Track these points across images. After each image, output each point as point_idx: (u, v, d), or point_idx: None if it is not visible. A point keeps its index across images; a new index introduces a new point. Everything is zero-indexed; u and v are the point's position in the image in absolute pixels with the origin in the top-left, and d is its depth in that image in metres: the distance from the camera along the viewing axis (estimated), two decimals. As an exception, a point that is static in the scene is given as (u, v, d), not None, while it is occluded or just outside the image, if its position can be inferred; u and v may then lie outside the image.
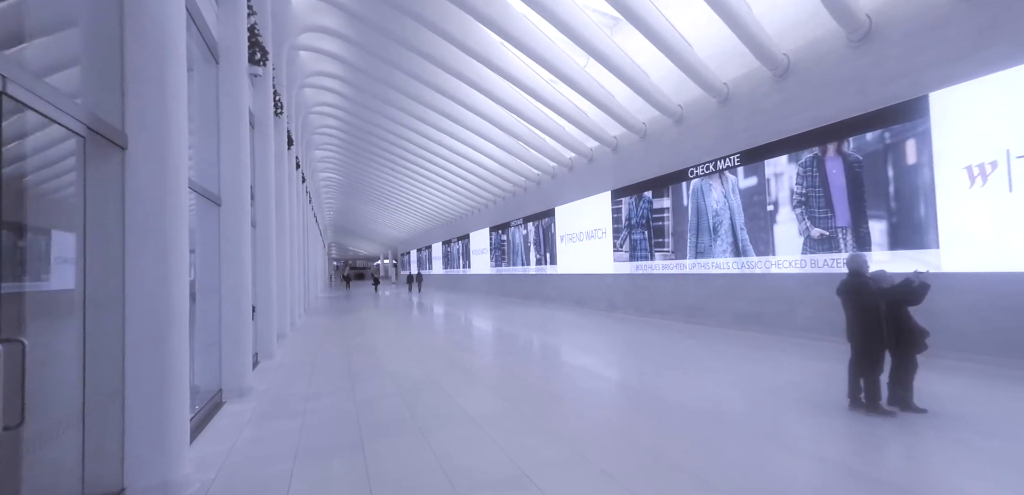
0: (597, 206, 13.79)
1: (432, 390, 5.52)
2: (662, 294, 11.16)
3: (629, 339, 8.64)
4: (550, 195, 16.86)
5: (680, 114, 10.50)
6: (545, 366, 6.79)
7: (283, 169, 10.62)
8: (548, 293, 17.10)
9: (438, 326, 11.90)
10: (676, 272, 10.67)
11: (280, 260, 10.23)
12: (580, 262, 14.85)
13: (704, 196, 9.84)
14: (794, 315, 8.00)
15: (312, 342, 9.74)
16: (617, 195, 12.83)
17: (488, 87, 11.85)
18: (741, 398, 4.78)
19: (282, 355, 8.23)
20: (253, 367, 7.16)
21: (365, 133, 18.72)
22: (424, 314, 15.21)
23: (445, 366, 6.89)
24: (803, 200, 7.80)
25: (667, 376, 5.82)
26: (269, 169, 8.32)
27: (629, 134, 12.19)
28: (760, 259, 8.61)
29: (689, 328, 9.49)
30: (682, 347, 7.64)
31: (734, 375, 5.74)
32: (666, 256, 10.99)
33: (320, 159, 23.98)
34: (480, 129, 14.79)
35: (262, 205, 8.15)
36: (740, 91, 9.05)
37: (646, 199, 11.63)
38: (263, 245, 8.10)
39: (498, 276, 22.07)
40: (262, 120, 8.34)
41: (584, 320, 11.70)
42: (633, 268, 12.18)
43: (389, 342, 9.34)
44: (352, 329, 11.64)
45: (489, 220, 23.13)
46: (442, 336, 10.08)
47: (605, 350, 7.80)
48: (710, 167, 9.65)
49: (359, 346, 8.93)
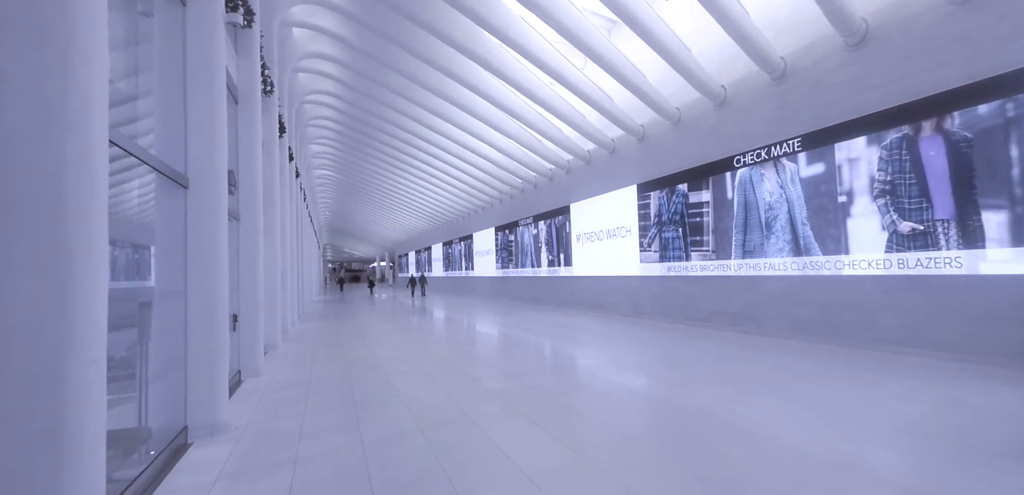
0: (621, 202, 12.59)
1: (462, 426, 4.28)
2: (700, 299, 9.95)
3: (675, 352, 7.42)
4: (565, 191, 15.65)
5: (723, 96, 9.31)
6: (595, 390, 5.55)
7: (273, 157, 9.35)
8: (562, 297, 15.87)
9: (449, 335, 10.63)
10: (718, 274, 9.47)
11: (270, 260, 8.95)
12: (599, 263, 13.63)
13: (754, 188, 8.65)
14: (874, 324, 6.82)
15: (307, 355, 8.45)
16: (645, 189, 11.64)
17: (497, 67, 10.60)
18: (880, 442, 3.57)
19: (271, 372, 6.95)
20: (234, 390, 5.89)
21: (362, 126, 17.44)
22: (431, 321, 13.93)
23: (470, 389, 5.64)
24: (888, 189, 6.63)
25: (755, 404, 4.60)
26: (256, 153, 7.05)
27: (660, 121, 11.01)
28: (828, 259, 7.42)
29: (738, 338, 8.29)
30: (745, 362, 6.42)
31: (840, 404, 4.53)
32: (705, 256, 9.79)
33: (315, 154, 22.66)
34: (488, 118, 13.55)
35: (248, 195, 6.88)
36: (801, 65, 7.88)
37: (680, 193, 10.43)
38: (249, 242, 6.83)
39: (505, 279, 20.81)
40: (248, 94, 7.07)
41: (611, 328, 10.47)
42: (664, 270, 10.98)
43: (397, 356, 8.08)
44: (353, 339, 10.36)
45: (495, 219, 21.89)
46: (456, 347, 8.81)
47: (656, 366, 6.57)
48: (762, 154, 8.47)
49: (362, 361, 7.66)
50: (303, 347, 9.34)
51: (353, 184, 28.81)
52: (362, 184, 27.99)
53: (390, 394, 5.51)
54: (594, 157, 13.95)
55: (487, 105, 13.19)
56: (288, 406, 5.18)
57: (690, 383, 5.51)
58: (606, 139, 12.83)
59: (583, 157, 14.18)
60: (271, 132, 9.36)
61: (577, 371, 6.48)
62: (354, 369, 7.02)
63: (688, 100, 10.19)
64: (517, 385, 5.71)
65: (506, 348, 8.45)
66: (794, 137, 7.91)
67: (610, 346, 8.21)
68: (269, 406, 5.22)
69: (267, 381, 6.44)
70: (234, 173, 6.34)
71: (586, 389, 5.49)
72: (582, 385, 5.69)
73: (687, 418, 4.28)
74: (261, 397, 5.61)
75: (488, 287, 22.81)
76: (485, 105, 13.16)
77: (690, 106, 10.19)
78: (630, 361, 6.92)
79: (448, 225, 29.49)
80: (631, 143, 12.19)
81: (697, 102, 9.94)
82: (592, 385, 5.68)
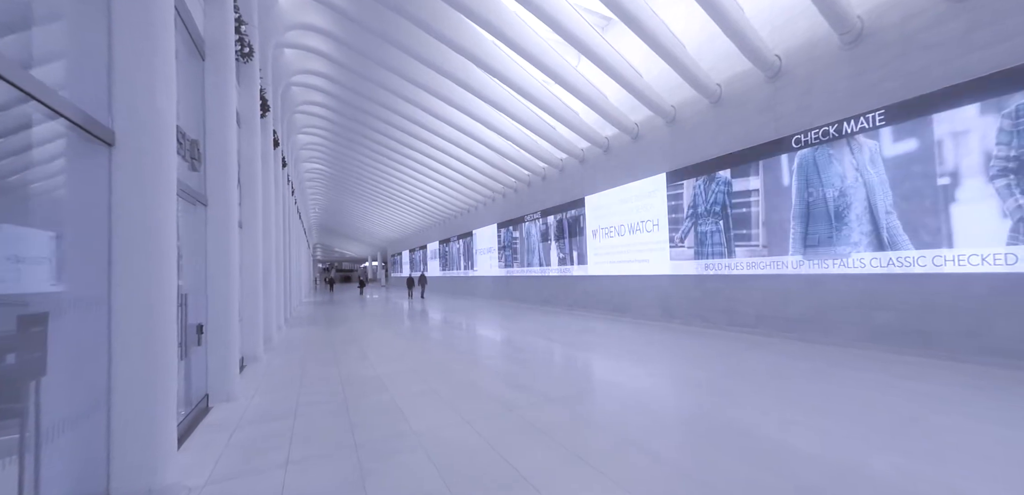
0: (646, 193, 11.33)
1: (516, 491, 2.95)
2: (747, 301, 8.71)
3: (740, 367, 6.15)
4: (578, 183, 14.35)
5: (777, 66, 8.08)
6: (671, 423, 4.25)
7: (254, 135, 7.93)
8: (575, 298, 14.57)
9: (459, 343, 9.27)
10: (770, 272, 8.24)
11: (249, 257, 7.55)
12: (621, 261, 12.35)
13: (818, 171, 7.43)
14: (989, 332, 5.61)
15: (294, 371, 7.06)
16: (676, 177, 10.38)
17: (501, 31, 9.23)
18: None
19: (248, 396, 5.56)
20: (195, 424, 4.50)
21: (355, 112, 15.98)
22: (435, 326, 12.54)
23: (504, 421, 4.31)
24: (1011, 167, 5.41)
25: (895, 449, 3.33)
26: (228, 123, 5.64)
27: (696, 99, 9.75)
28: (922, 254, 6.21)
29: (800, 348, 7.06)
30: (835, 382, 5.18)
31: (1011, 451, 3.28)
32: (753, 252, 8.55)
33: (304, 146, 21.14)
34: (493, 100, 12.21)
35: (218, 174, 5.48)
36: (883, 24, 6.65)
37: (721, 180, 9.19)
38: (220, 233, 5.44)
39: (510, 278, 19.47)
40: (218, 48, 5.66)
41: (645, 334, 9.20)
42: (701, 268, 9.73)
43: (402, 370, 6.71)
44: (348, 348, 8.96)
45: (500, 215, 20.54)
46: (472, 360, 7.48)
47: (728, 388, 5.28)
48: (830, 132, 7.24)
49: (361, 378, 6.29)
50: (290, 360, 7.93)
51: (344, 179, 27.28)
52: (354, 178, 26.47)
53: (401, 430, 4.16)
54: (614, 144, 12.67)
55: (491, 84, 11.86)
56: (265, 454, 3.81)
57: (775, 411, 4.22)
58: (629, 123, 11.56)
59: (601, 144, 12.89)
60: (250, 106, 7.95)
61: (632, 391, 5.17)
62: (352, 390, 5.65)
63: (733, 73, 8.94)
64: (565, 415, 4.39)
65: (531, 361, 7.13)
66: (875, 110, 6.68)
67: (656, 358, 6.92)
68: (239, 454, 3.85)
69: (241, 410, 5.05)
70: (198, 144, 4.96)
71: (660, 421, 4.17)
72: (652, 414, 4.37)
73: (818, 472, 2.99)
74: (231, 437, 4.23)
75: (491, 287, 21.46)
76: (488, 84, 11.83)
77: (735, 80, 8.94)
78: (690, 379, 5.63)
79: (446, 222, 28.09)
80: (658, 126, 10.93)
81: (744, 74, 8.69)
82: (663, 413, 4.37)
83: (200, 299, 5.22)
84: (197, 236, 5.24)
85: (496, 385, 5.65)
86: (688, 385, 5.34)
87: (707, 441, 3.69)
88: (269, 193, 9.88)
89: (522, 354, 7.62)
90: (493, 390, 5.44)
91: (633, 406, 4.64)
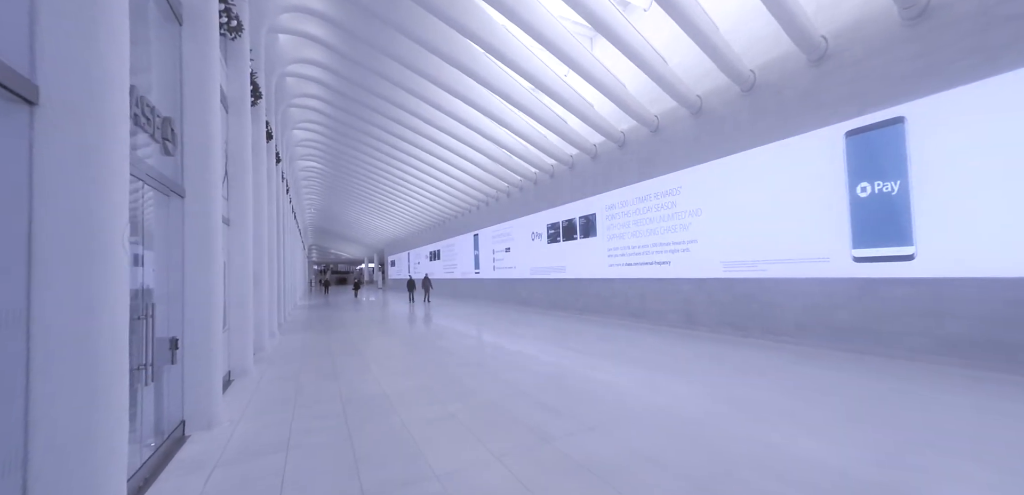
0: (668, 190, 10.57)
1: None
2: (786, 306, 7.95)
3: (802, 384, 5.39)
4: (591, 180, 13.58)
5: (824, 48, 7.34)
6: (767, 473, 3.47)
7: (243, 119, 7.12)
8: (587, 302, 13.78)
9: (471, 354, 8.45)
10: (815, 276, 7.49)
11: (238, 259, 6.74)
12: (637, 264, 11.58)
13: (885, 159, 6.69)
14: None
15: (287, 388, 6.23)
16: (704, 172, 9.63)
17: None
18: None
19: (233, 422, 4.74)
20: (170, 457, 3.68)
21: (353, 104, 15.16)
22: (443, 333, 11.73)
23: (547, 460, 3.51)
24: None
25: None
26: (209, 99, 4.83)
27: (727, 86, 9.01)
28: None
29: (857, 361, 6.32)
30: (939, 409, 4.42)
31: None
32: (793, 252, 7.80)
33: (300, 142, 20.26)
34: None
35: (198, 161, 4.67)
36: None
37: (755, 175, 8.44)
38: (200, 231, 4.62)
39: (516, 281, 18.67)
40: (199, 8, 4.84)
41: (671, 342, 8.45)
42: (729, 270, 8.97)
43: (413, 388, 5.90)
44: (349, 359, 8.14)
45: (503, 215, 19.75)
46: (489, 374, 6.67)
47: (800, 412, 4.51)
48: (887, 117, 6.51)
49: (366, 398, 5.47)
50: (283, 373, 7.10)
51: (341, 177, 26.40)
52: (351, 177, 25.60)
53: (419, 472, 3.36)
54: (631, 138, 11.90)
55: (499, 73, 11.08)
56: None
57: (917, 453, 3.45)
58: (648, 115, 10.78)
59: (616, 139, 12.08)
60: (239, 89, 7.14)
61: (684, 417, 4.38)
62: (355, 413, 4.85)
63: (768, 58, 8.21)
64: (613, 449, 3.60)
65: (556, 376, 6.34)
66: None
67: (695, 371, 6.15)
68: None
69: (223, 442, 4.23)
70: (172, 123, 4.14)
71: (733, 458, 3.39)
72: (719, 451, 3.58)
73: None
74: (207, 481, 3.41)
75: (494, 290, 20.65)
76: (496, 74, 11.05)
77: (772, 65, 8.20)
78: (748, 401, 4.86)
79: (447, 223, 27.27)
80: (682, 118, 10.17)
81: (783, 58, 7.94)
82: (732, 448, 3.58)
83: (175, 308, 4.41)
84: (172, 233, 4.43)
85: (523, 407, 4.86)
86: (747, 408, 4.57)
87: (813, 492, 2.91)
88: (261, 188, 9.05)
89: (544, 367, 6.83)
90: (520, 414, 4.64)
91: (693, 437, 3.86)
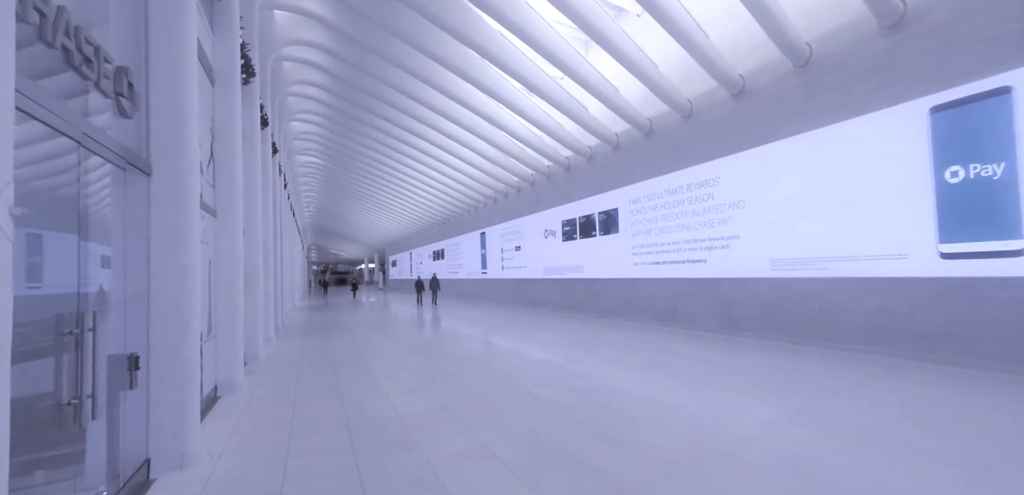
0: (705, 180, 9.62)
1: None
2: (853, 310, 7.00)
3: (922, 410, 4.44)
4: (612, 173, 12.62)
5: (901, 14, 6.38)
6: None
7: (233, 94, 6.16)
8: (608, 303, 12.83)
9: (494, 364, 7.49)
10: (894, 275, 6.54)
11: (228, 256, 5.80)
12: (667, 262, 10.62)
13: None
14: None
15: (281, 408, 5.26)
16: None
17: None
18: None
19: (210, 461, 3.77)
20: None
21: (352, 96, 14.20)
22: (451, 338, 10.77)
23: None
24: None
25: None
26: (186, 59, 3.86)
27: (778, 62, 8.06)
28: None
29: (952, 377, 5.39)
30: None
31: None
32: (860, 248, 6.84)
33: (299, 134, 19.29)
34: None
35: (172, 131, 3.70)
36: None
37: (811, 161, 7.48)
38: (171, 217, 3.66)
39: (528, 281, 17.71)
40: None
41: (718, 351, 7.51)
42: (782, 269, 8.03)
43: (433, 408, 4.95)
44: (353, 370, 7.18)
45: (513, 212, 18.80)
46: (521, 392, 5.72)
47: (938, 451, 3.56)
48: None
49: (376, 422, 4.51)
50: (278, 387, 6.14)
51: (341, 174, 25.43)
52: (351, 173, 24.62)
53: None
54: (658, 126, 10.94)
55: (511, 50, 10.13)
56: None
57: None
58: (681, 99, 9.83)
59: (642, 126, 11.13)
60: (227, 55, 6.20)
61: (782, 454, 3.43)
62: (364, 444, 3.89)
63: (825, 29, 7.25)
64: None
65: (603, 395, 5.39)
66: None
67: (768, 388, 5.19)
68: None
69: (197, 487, 3.26)
70: (129, 74, 3.17)
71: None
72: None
73: None
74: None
75: (504, 291, 19.68)
76: (508, 51, 10.09)
77: (831, 35, 7.24)
78: (862, 429, 3.90)
79: (452, 221, 26.31)
80: (721, 100, 9.21)
81: (845, 26, 6.98)
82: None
83: (137, 315, 3.44)
84: (133, 219, 3.47)
85: (573, 438, 3.90)
86: (868, 442, 3.60)
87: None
88: (255, 175, 8.10)
89: (581, 381, 5.87)
90: (573, 447, 3.68)
91: (830, 490, 2.89)
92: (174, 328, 3.58)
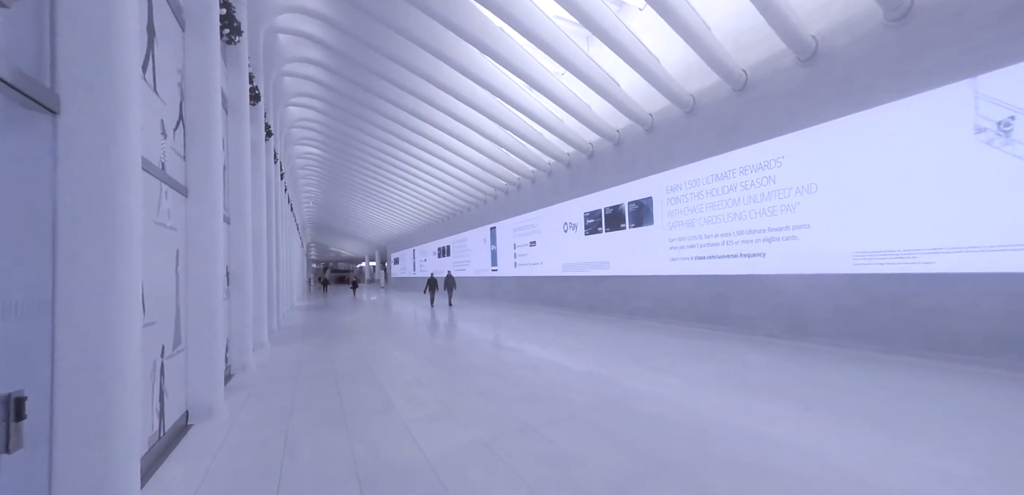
0: (768, 161, 8.35)
1: None
2: (970, 315, 5.73)
3: None
4: (644, 158, 11.34)
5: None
6: None
7: (211, 48, 4.87)
8: (640, 303, 11.56)
9: (532, 382, 6.20)
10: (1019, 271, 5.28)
11: (201, 248, 4.55)
12: (713, 257, 9.35)
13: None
14: None
15: (268, 451, 3.99)
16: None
17: None
18: None
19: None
20: None
21: (355, 87, 12.89)
22: (472, 346, 9.51)
23: None
24: None
25: None
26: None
27: (867, 15, 6.77)
28: None
29: None
30: None
31: None
32: (981, 237, 5.58)
33: (297, 121, 17.99)
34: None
35: (87, 50, 2.42)
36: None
37: (910, 134, 6.20)
38: (86, 183, 2.37)
39: (545, 279, 16.45)
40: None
41: (797, 363, 6.25)
42: (871, 264, 6.75)
43: (466, 444, 3.67)
44: (360, 387, 5.91)
45: (528, 204, 17.53)
46: (581, 423, 4.46)
47: None
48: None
49: (396, 470, 3.23)
50: (266, 412, 4.87)
51: (341, 167, 24.13)
52: (352, 166, 23.33)
53: None
54: (702, 102, 9.65)
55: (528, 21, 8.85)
56: None
57: None
58: (734, 69, 8.54)
59: (683, 104, 9.86)
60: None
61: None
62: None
63: None
64: None
65: (698, 432, 4.13)
66: None
67: (887, 418, 3.93)
68: None
69: None
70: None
71: None
72: None
73: None
74: None
75: (518, 290, 18.41)
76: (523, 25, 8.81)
77: None
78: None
79: (458, 216, 25.04)
80: (785, 67, 7.92)
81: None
82: None
83: (32, 333, 2.18)
84: (28, 182, 2.20)
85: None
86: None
87: None
88: (242, 154, 6.83)
89: (652, 406, 4.59)
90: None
91: None
92: (90, 351, 2.31)
